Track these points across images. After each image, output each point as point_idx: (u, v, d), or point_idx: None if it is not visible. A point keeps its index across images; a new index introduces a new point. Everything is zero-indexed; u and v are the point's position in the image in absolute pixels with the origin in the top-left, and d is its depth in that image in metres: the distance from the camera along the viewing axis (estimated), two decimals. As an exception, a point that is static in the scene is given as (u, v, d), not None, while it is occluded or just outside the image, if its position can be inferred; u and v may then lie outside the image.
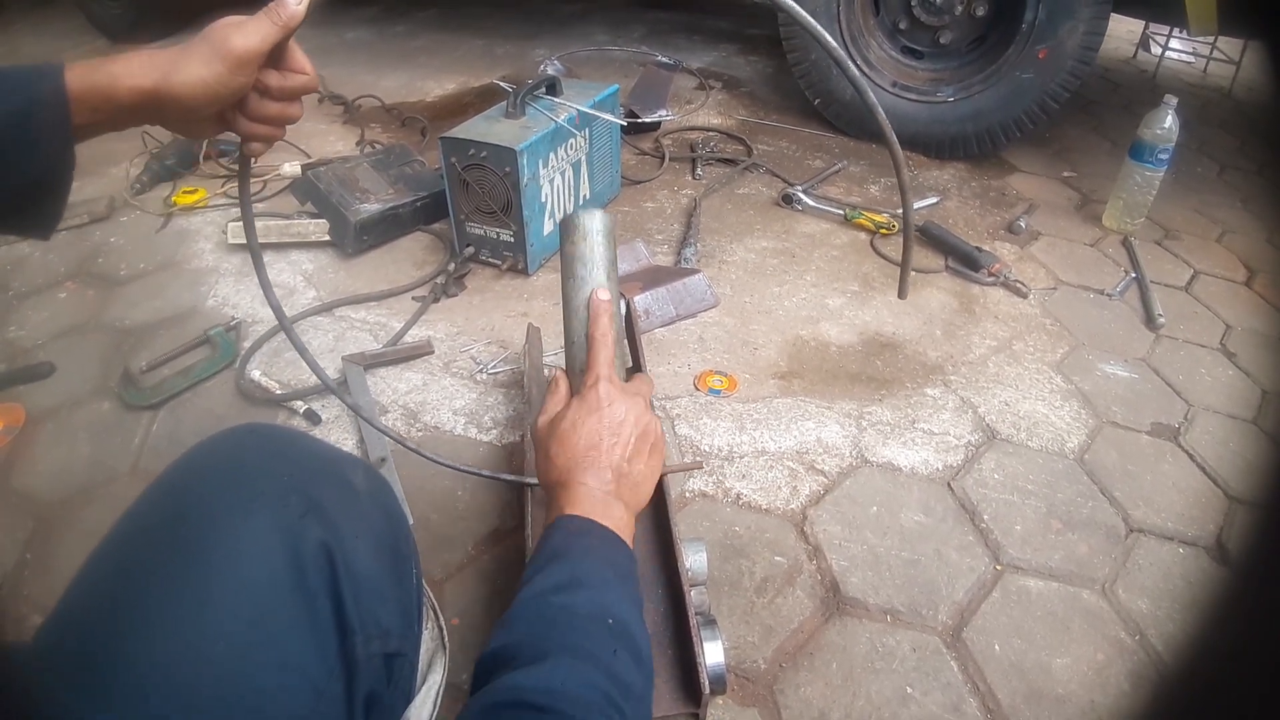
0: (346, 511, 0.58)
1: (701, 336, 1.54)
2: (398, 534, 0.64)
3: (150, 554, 0.53)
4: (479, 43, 3.18)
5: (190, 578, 0.51)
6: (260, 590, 0.51)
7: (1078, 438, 1.35)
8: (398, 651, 0.59)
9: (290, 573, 0.52)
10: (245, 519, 0.53)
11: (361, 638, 0.55)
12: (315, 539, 0.54)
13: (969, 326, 1.62)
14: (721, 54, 3.11)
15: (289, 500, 0.56)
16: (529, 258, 1.65)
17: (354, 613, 0.54)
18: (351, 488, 0.61)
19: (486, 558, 1.10)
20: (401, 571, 0.62)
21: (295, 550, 0.53)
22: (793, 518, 1.18)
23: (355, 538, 0.57)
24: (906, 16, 2.25)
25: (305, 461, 0.61)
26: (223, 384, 1.39)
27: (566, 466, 0.68)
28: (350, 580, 0.55)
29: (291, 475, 0.58)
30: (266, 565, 0.52)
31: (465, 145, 1.55)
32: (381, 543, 0.60)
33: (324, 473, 0.61)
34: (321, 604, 0.53)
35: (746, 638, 1.01)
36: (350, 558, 0.55)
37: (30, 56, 3.04)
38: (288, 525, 0.54)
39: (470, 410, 1.35)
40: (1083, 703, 0.96)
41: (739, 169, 2.18)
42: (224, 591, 0.50)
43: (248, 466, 0.58)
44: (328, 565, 0.54)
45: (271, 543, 0.53)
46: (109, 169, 2.09)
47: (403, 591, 0.61)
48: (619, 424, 0.70)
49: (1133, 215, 1.97)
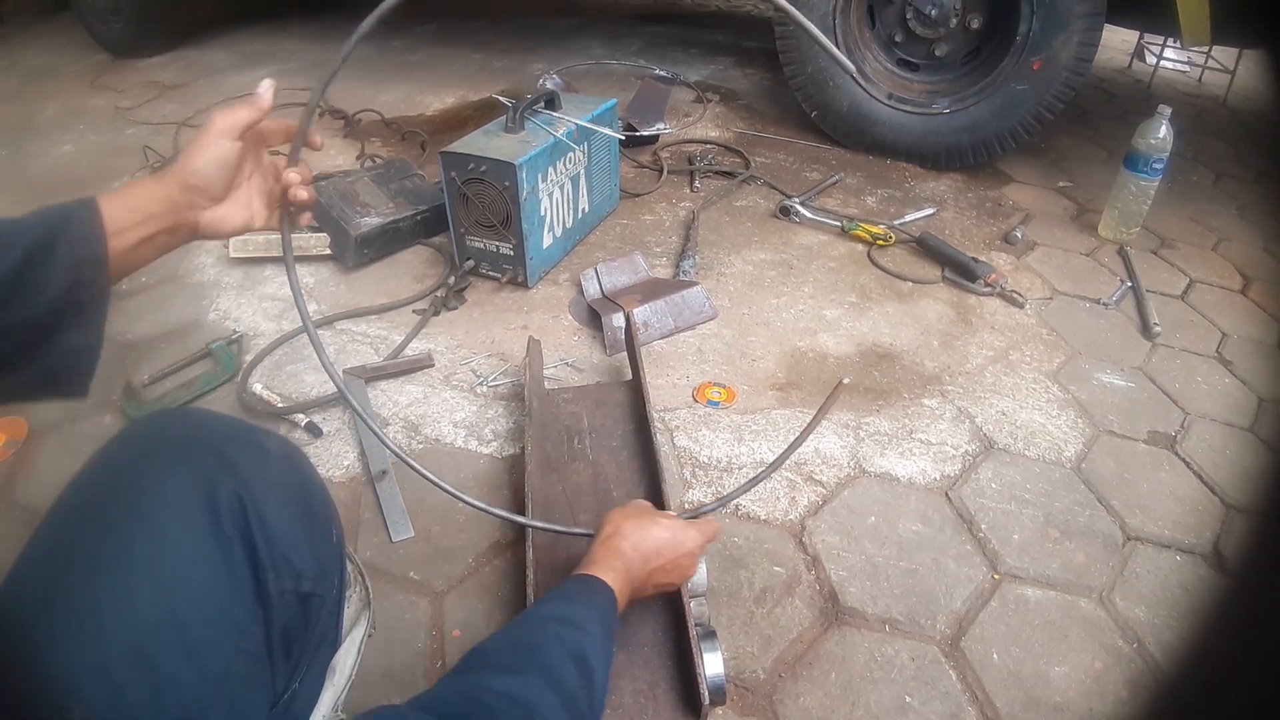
0: (258, 469, 0.64)
1: (700, 348, 1.55)
2: (310, 494, 0.70)
3: (85, 513, 0.59)
4: (477, 57, 3.20)
5: (118, 531, 0.56)
6: (180, 537, 0.57)
7: (1075, 447, 1.36)
8: (312, 592, 0.65)
9: (206, 519, 0.58)
10: (163, 477, 0.59)
11: (273, 574, 0.61)
12: (229, 489, 0.60)
13: (966, 337, 1.62)
14: (718, 67, 3.13)
15: (204, 459, 0.61)
16: (529, 271, 1.66)
17: (265, 553, 0.60)
18: (264, 450, 0.67)
19: (487, 570, 1.11)
20: (316, 527, 0.69)
21: (210, 500, 0.59)
22: (791, 528, 1.18)
23: (265, 490, 0.62)
24: (902, 29, 2.26)
25: (219, 429, 0.67)
26: (224, 397, 1.39)
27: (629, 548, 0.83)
28: (261, 525, 0.60)
29: (204, 439, 0.64)
30: (184, 515, 0.58)
31: (465, 159, 1.56)
32: (292, 498, 0.66)
33: (237, 437, 0.66)
34: (236, 547, 0.59)
35: (746, 648, 1.01)
36: (262, 507, 0.61)
37: (31, 70, 3.07)
38: (203, 478, 0.59)
39: (471, 423, 1.36)
40: (1081, 711, 0.96)
41: (737, 181, 2.19)
42: (149, 540, 0.56)
43: (166, 435, 0.65)
44: (240, 511, 0.60)
45: (188, 495, 0.58)
46: (111, 182, 2.11)
47: (316, 543, 0.67)
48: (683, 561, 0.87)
49: (1128, 224, 1.99)
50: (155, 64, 3.14)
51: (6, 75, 3.08)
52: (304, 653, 0.67)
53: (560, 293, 1.71)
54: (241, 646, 0.57)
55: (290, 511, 0.64)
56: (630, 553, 0.82)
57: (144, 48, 3.19)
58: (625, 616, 0.91)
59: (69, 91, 2.87)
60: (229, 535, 0.58)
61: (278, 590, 0.61)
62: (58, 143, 2.43)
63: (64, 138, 2.46)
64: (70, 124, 2.57)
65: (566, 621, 0.70)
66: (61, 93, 2.86)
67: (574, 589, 0.76)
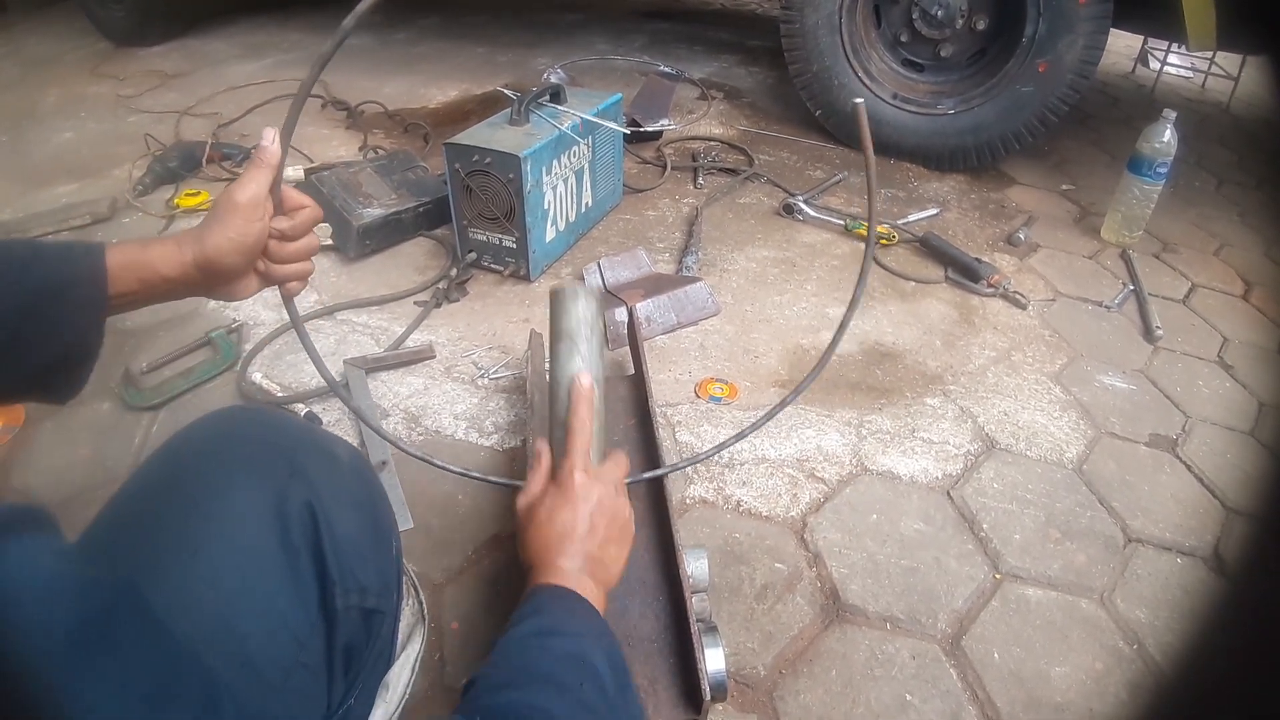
0: (329, 478, 0.62)
1: (702, 344, 1.55)
2: (377, 506, 0.68)
3: (147, 512, 0.57)
4: (480, 50, 3.19)
5: (183, 534, 0.54)
6: (247, 545, 0.55)
7: (1076, 448, 1.35)
8: (375, 609, 0.63)
9: (275, 529, 0.56)
10: (233, 481, 0.57)
11: (340, 590, 0.59)
12: (299, 499, 0.58)
13: (968, 337, 1.62)
14: (723, 64, 3.12)
15: (275, 465, 0.59)
16: (531, 264, 1.66)
17: (334, 567, 0.58)
18: (335, 458, 0.65)
19: (487, 562, 1.10)
20: (380, 540, 0.66)
21: (280, 509, 0.57)
22: (793, 525, 1.18)
23: (336, 501, 0.60)
24: (908, 29, 2.26)
25: (291, 433, 0.65)
26: (224, 386, 1.39)
27: (542, 549, 0.74)
28: (331, 538, 0.59)
29: (278, 444, 0.62)
30: (253, 522, 0.56)
31: (469, 151, 1.56)
32: (362, 510, 0.64)
33: (308, 444, 0.65)
34: (304, 559, 0.57)
35: (747, 644, 1.01)
36: (331, 518, 0.59)
37: (33, 57, 3.06)
38: (274, 486, 0.57)
39: (472, 415, 1.35)
40: (1081, 711, 0.96)
41: (740, 178, 2.19)
42: (213, 546, 0.54)
43: (237, 436, 0.63)
44: (311, 523, 0.58)
45: (258, 502, 0.57)
46: (111, 170, 2.10)
47: (380, 556, 0.65)
48: (591, 514, 0.76)
49: (1131, 228, 1.99)
50: (157, 53, 3.13)
51: (8, 62, 3.06)
52: (363, 669, 0.65)
53: (562, 287, 1.70)
54: (301, 660, 0.56)
55: (359, 525, 0.63)
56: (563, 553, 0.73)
57: (146, 36, 3.18)
58: (625, 611, 0.91)
59: (70, 79, 2.86)
60: (297, 546, 0.57)
61: (344, 606, 0.59)
62: (59, 130, 2.42)
63: (65, 125, 2.45)
64: (71, 111, 2.56)
65: (544, 633, 0.64)
66: (63, 80, 2.85)
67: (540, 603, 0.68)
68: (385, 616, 0.65)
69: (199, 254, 0.68)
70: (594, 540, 0.75)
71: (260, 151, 0.71)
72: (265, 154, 0.71)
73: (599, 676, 0.61)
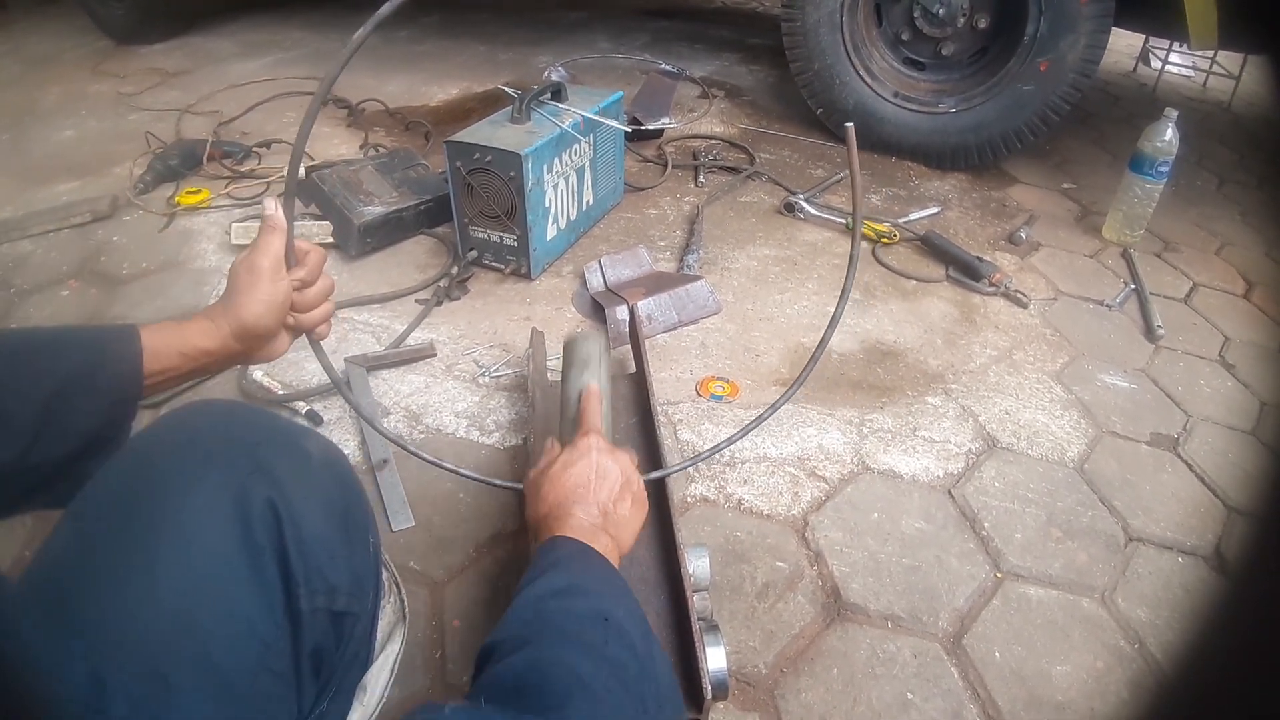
0: (295, 473, 0.61)
1: (704, 342, 1.55)
2: (350, 502, 0.66)
3: (108, 514, 0.56)
4: (482, 49, 3.19)
5: (143, 535, 0.53)
6: (208, 546, 0.54)
7: (1077, 447, 1.35)
8: (346, 610, 0.61)
9: (237, 528, 0.55)
10: (194, 479, 0.56)
11: (305, 591, 0.57)
12: (262, 497, 0.56)
13: (970, 336, 1.62)
14: (724, 63, 3.12)
15: (237, 461, 0.58)
16: (532, 262, 1.66)
17: (299, 567, 0.57)
18: (303, 453, 0.64)
19: (488, 560, 1.10)
20: (354, 537, 0.64)
21: (242, 507, 0.56)
22: (794, 523, 1.18)
23: (303, 498, 0.59)
24: (909, 28, 2.26)
25: (256, 427, 0.64)
26: (225, 383, 1.39)
27: (557, 501, 0.73)
28: (296, 537, 0.57)
29: (241, 439, 0.61)
30: (214, 522, 0.55)
31: (471, 149, 1.55)
32: (332, 506, 0.62)
33: (274, 439, 0.63)
34: (267, 559, 0.55)
35: (748, 643, 1.01)
36: (297, 516, 0.58)
37: (33, 55, 3.05)
38: (235, 484, 0.56)
39: (472, 413, 1.35)
40: (1082, 710, 0.96)
41: (741, 177, 2.19)
42: (173, 547, 0.53)
43: (200, 431, 0.61)
44: (274, 522, 0.56)
45: (219, 500, 0.55)
46: (112, 168, 2.10)
47: (353, 555, 0.63)
48: (606, 469, 0.76)
49: (1132, 227, 1.98)
50: (158, 51, 3.12)
51: (9, 60, 3.06)
52: (334, 672, 0.63)
53: (564, 285, 1.70)
54: (267, 664, 0.54)
55: (327, 522, 0.61)
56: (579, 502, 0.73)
57: (147, 34, 3.17)
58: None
59: (71, 77, 2.86)
60: (260, 546, 0.55)
61: (310, 607, 0.57)
62: (60, 128, 2.41)
63: (66, 123, 2.45)
64: (72, 109, 2.56)
65: (562, 593, 0.62)
66: (64, 78, 2.84)
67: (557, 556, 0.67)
68: (358, 618, 0.64)
69: (235, 323, 0.71)
70: (608, 493, 0.75)
71: (268, 219, 0.74)
72: (273, 220, 0.74)
73: (625, 634, 0.59)
